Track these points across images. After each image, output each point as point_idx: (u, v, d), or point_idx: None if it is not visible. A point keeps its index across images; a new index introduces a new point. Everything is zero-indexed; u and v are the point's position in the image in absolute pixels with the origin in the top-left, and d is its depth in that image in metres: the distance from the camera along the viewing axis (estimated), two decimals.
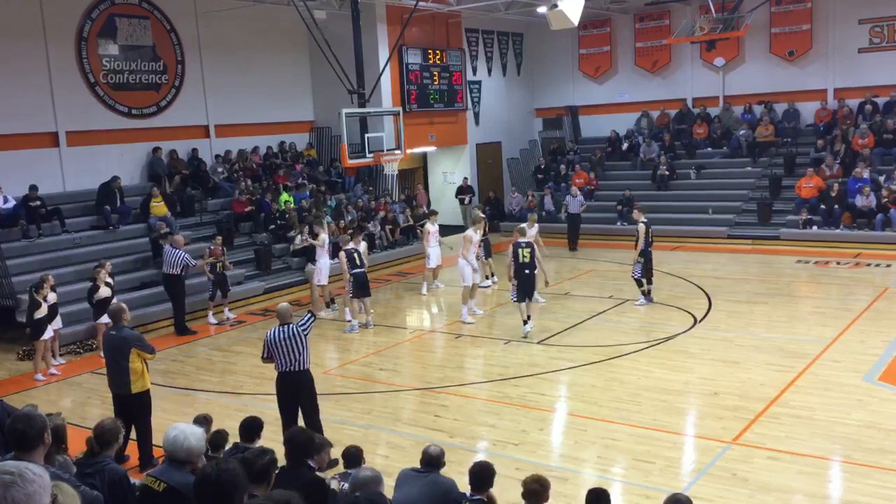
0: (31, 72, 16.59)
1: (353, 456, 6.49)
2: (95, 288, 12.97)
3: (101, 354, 12.80)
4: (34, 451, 4.02)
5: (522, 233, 13.56)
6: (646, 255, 14.66)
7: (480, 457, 7.26)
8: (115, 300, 12.92)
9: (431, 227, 16.80)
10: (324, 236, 15.61)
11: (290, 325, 8.54)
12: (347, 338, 13.91)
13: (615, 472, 8.16)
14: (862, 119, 22.21)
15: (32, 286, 12.53)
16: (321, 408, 10.35)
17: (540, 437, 9.19)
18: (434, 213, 17.89)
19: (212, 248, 15.52)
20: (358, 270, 14.01)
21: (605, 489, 5.61)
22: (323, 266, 15.45)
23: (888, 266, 17.17)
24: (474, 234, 14.60)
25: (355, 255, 14.04)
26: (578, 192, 21.60)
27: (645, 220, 14.78)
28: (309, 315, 8.89)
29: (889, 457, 7.96)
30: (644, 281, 14.79)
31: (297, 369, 8.53)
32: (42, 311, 12.19)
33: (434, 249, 16.90)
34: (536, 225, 16.15)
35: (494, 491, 5.84)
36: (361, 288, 14.11)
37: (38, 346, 12.30)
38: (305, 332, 8.57)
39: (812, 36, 23.08)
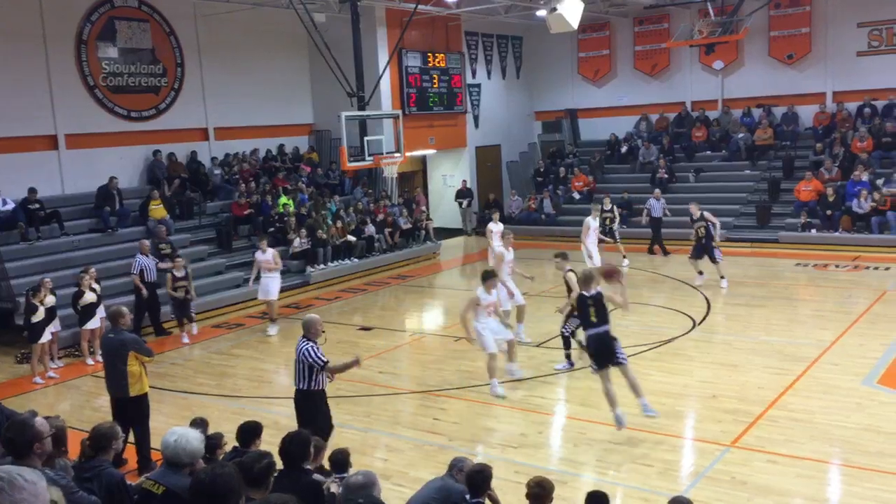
0: (31, 74, 16.61)
1: (340, 462, 6.48)
2: (80, 293, 12.90)
3: (88, 361, 12.93)
4: (27, 458, 4.03)
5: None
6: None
7: (479, 460, 7.26)
8: (101, 304, 12.97)
9: (494, 227, 16.11)
10: (259, 255, 14.68)
11: (300, 342, 8.13)
12: (347, 340, 13.89)
13: (614, 475, 8.16)
14: (861, 122, 22.24)
15: (29, 290, 12.52)
16: None
17: (539, 440, 9.19)
18: (495, 210, 17.59)
19: (173, 271, 14.43)
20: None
21: (604, 492, 5.61)
22: (271, 281, 14.67)
23: (887, 269, 17.18)
24: (506, 253, 13.08)
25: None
26: (662, 197, 20.24)
27: (572, 268, 11.50)
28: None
29: (888, 460, 7.95)
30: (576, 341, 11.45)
31: (296, 387, 8.26)
32: (39, 315, 12.18)
33: (500, 249, 16.47)
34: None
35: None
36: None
37: (36, 349, 12.29)
38: (308, 356, 8.04)
39: (811, 39, 23.10)
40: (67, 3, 17.18)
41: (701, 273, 16.29)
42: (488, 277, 10.76)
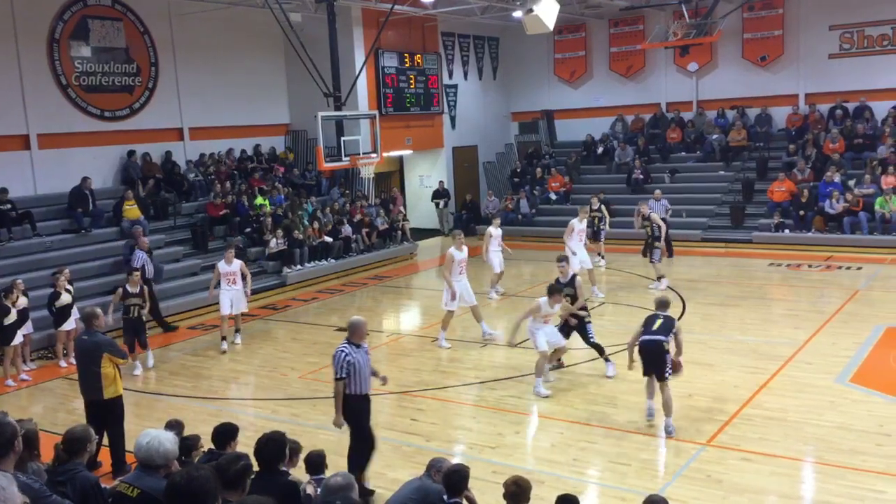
0: (2, 73, 16.37)
1: (315, 463, 6.45)
2: (56, 294, 12.76)
3: (62, 364, 12.76)
4: (4, 460, 3.96)
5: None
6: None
7: (457, 460, 7.28)
8: (75, 306, 12.82)
9: (494, 231, 16.17)
10: (223, 265, 13.66)
11: (341, 342, 7.74)
12: (323, 342, 13.84)
13: (591, 475, 8.21)
14: (833, 124, 22.53)
15: (1, 291, 12.35)
16: (299, 412, 10.34)
17: (516, 439, 9.21)
18: (495, 216, 17.63)
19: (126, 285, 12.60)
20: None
21: (575, 496, 5.61)
22: (237, 292, 13.70)
23: (859, 269, 17.41)
24: (457, 252, 13.10)
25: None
26: (662, 197, 19.67)
27: (576, 273, 12.00)
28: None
29: (860, 457, 8.06)
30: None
31: None
32: (11, 317, 12.01)
33: (496, 255, 16.11)
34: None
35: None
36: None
37: (8, 351, 12.13)
38: (333, 359, 7.64)
39: (783, 42, 23.37)
40: (39, 1, 16.94)
41: (660, 278, 16.34)
42: (554, 292, 10.63)
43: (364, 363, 7.67)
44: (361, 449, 7.79)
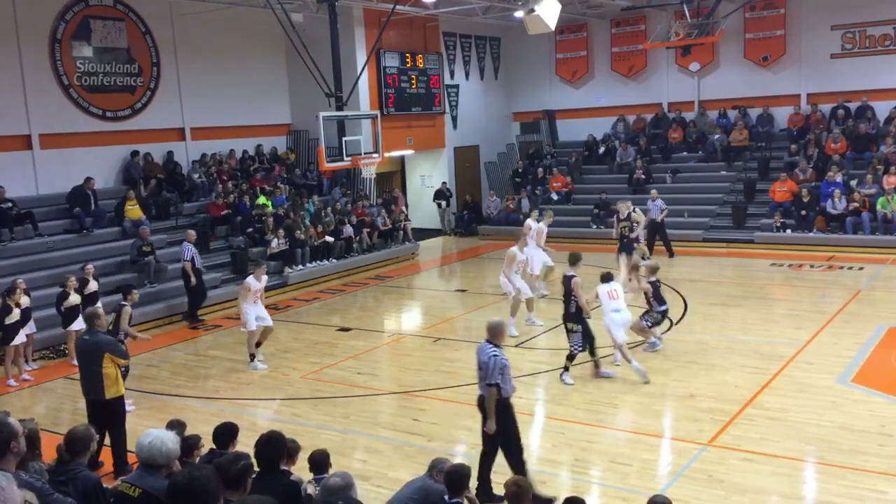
0: (4, 73, 16.38)
1: (319, 462, 6.46)
2: (65, 295, 12.78)
3: (73, 362, 12.75)
4: (2, 458, 3.96)
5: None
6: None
7: (458, 460, 7.27)
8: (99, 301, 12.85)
9: (534, 224, 15.64)
10: (253, 283, 12.58)
11: (486, 346, 7.46)
12: (326, 342, 13.86)
13: (592, 475, 8.20)
14: (834, 124, 22.51)
15: (4, 291, 12.36)
16: (300, 412, 10.34)
17: None
18: (533, 209, 17.51)
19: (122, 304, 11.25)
20: None
21: (583, 499, 5.60)
22: (261, 308, 12.84)
23: (860, 269, 17.40)
24: (518, 253, 13.47)
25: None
26: (658, 197, 19.70)
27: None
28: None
29: (861, 457, 8.06)
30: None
31: (480, 392, 7.61)
32: (14, 317, 12.03)
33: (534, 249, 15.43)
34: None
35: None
36: None
37: (10, 351, 12.15)
38: (489, 365, 7.33)
39: (785, 42, 23.36)
40: (41, 1, 16.96)
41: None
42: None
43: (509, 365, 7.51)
44: (513, 453, 7.46)
